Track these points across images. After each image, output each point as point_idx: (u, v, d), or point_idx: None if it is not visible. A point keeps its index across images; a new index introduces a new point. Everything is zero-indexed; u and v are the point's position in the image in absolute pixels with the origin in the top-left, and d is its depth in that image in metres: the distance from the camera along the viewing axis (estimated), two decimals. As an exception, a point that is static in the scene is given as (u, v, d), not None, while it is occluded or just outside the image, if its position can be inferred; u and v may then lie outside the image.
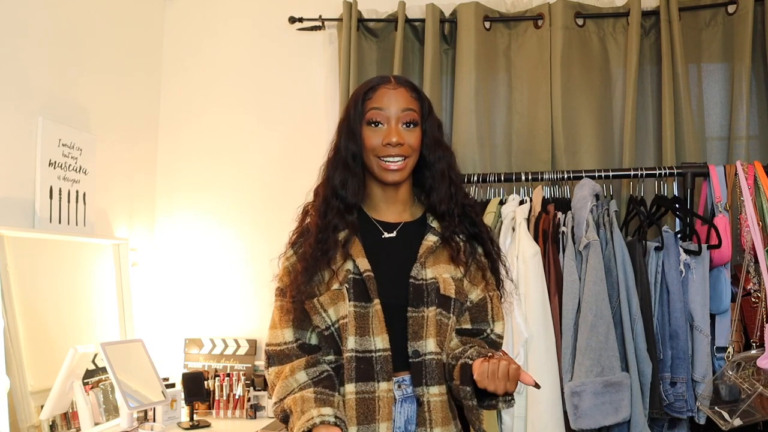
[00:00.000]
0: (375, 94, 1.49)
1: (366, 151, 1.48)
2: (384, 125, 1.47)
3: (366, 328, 1.41)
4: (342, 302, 1.43)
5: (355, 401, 1.39)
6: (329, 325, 1.45)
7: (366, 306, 1.42)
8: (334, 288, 1.44)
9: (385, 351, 1.40)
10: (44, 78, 2.27)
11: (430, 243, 1.49)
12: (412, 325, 1.43)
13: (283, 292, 1.51)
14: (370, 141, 1.47)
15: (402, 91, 1.50)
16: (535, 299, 2.13)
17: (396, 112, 1.47)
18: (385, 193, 1.53)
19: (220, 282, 2.89)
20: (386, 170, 1.47)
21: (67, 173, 2.32)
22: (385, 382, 1.40)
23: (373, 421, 1.38)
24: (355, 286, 1.43)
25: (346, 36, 2.72)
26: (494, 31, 2.71)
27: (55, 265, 2.26)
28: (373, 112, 1.47)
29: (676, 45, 2.50)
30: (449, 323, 1.47)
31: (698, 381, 2.12)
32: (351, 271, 1.45)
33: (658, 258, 2.19)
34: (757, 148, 2.53)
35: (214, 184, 2.93)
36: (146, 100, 2.91)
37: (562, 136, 2.59)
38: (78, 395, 2.12)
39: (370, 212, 1.53)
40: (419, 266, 1.46)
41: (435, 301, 1.44)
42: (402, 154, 1.47)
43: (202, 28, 3.00)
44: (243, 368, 2.73)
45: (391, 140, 1.45)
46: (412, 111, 1.49)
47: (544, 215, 2.27)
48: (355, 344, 1.40)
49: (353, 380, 1.39)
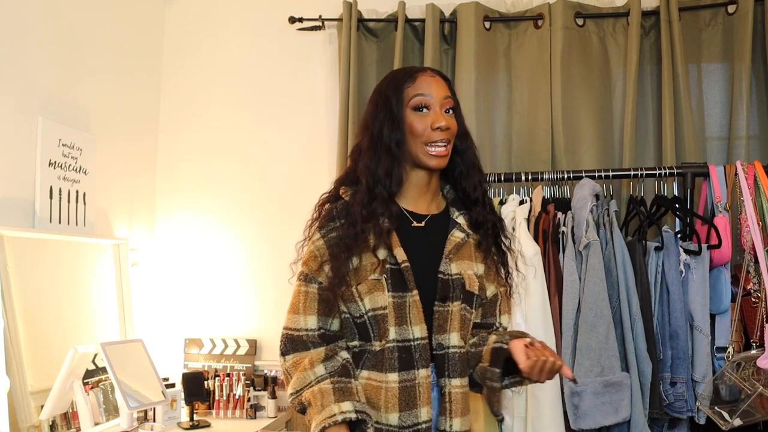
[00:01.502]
0: (416, 82, 1.51)
1: (411, 138, 1.50)
2: (429, 110, 1.50)
3: (404, 317, 1.44)
4: (379, 292, 1.45)
5: (398, 389, 1.42)
6: (363, 313, 1.46)
7: (403, 296, 1.45)
8: (372, 278, 1.45)
9: (423, 339, 1.44)
10: (44, 78, 2.27)
11: (457, 239, 1.52)
12: (437, 318, 1.47)
13: (308, 277, 1.50)
14: (417, 126, 1.49)
15: (440, 80, 1.54)
16: (535, 299, 2.13)
17: (439, 98, 1.50)
18: (419, 181, 1.54)
19: (220, 282, 2.89)
20: (433, 156, 1.49)
21: (67, 173, 2.32)
22: (424, 369, 1.44)
23: (414, 406, 1.42)
24: (393, 276, 1.45)
25: (346, 36, 2.72)
26: (494, 31, 2.71)
27: (55, 265, 2.26)
28: (419, 98, 1.50)
29: (676, 45, 2.50)
30: (471, 318, 1.53)
31: (698, 381, 2.12)
32: (388, 261, 1.46)
33: (658, 258, 2.19)
34: (757, 148, 2.53)
35: (214, 184, 2.93)
36: (146, 100, 2.91)
37: (562, 136, 2.59)
38: (78, 395, 2.12)
39: (400, 202, 1.54)
40: (447, 261, 1.50)
41: (460, 297, 1.48)
42: (447, 138, 1.50)
43: (202, 28, 3.00)
44: (243, 368, 2.73)
45: (440, 124, 1.48)
46: (450, 98, 1.53)
47: (544, 215, 2.27)
48: (395, 334, 1.43)
49: (396, 369, 1.43)
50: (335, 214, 1.52)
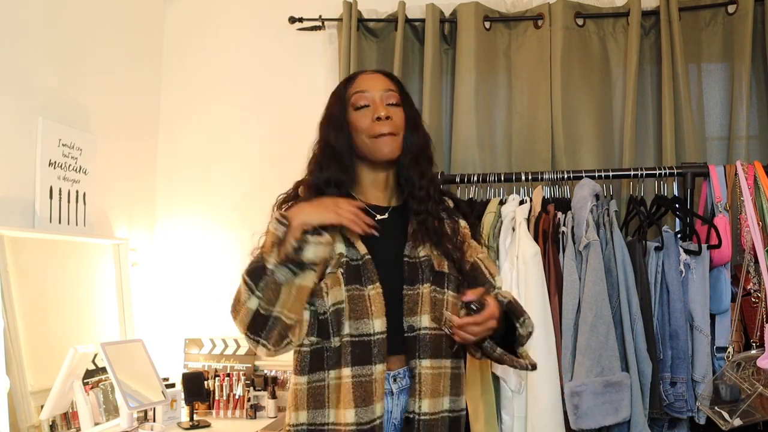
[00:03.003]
0: (355, 82, 1.57)
1: (357, 135, 1.53)
2: (370, 106, 1.53)
3: (362, 311, 1.43)
4: (337, 287, 1.44)
5: (352, 384, 1.41)
6: (326, 309, 1.45)
7: (360, 289, 1.45)
8: (329, 272, 1.45)
9: (383, 334, 1.43)
10: (44, 78, 2.27)
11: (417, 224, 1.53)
12: (407, 302, 1.47)
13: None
14: (360, 123, 1.52)
15: (379, 76, 1.58)
16: (535, 299, 2.13)
17: (379, 92, 1.54)
18: (376, 176, 1.57)
19: (220, 282, 2.88)
20: (380, 145, 1.51)
21: (67, 173, 2.32)
22: (381, 364, 1.43)
23: (371, 402, 1.41)
24: (348, 270, 1.45)
25: (346, 36, 2.72)
26: (494, 31, 2.71)
27: (55, 265, 2.26)
28: (357, 95, 1.54)
29: (676, 45, 2.50)
30: (444, 298, 1.50)
31: (698, 381, 2.12)
32: (344, 254, 1.46)
33: (658, 258, 2.18)
34: (757, 148, 2.53)
35: (214, 184, 2.93)
36: (146, 100, 2.91)
37: (562, 136, 2.59)
38: (78, 395, 2.12)
39: (359, 197, 1.56)
40: (410, 245, 1.51)
41: (429, 278, 1.49)
42: (391, 131, 1.51)
43: (202, 28, 3.00)
44: (243, 368, 2.73)
45: (380, 114, 1.50)
46: (393, 92, 1.56)
47: (544, 215, 2.27)
48: (350, 328, 1.43)
49: (349, 364, 1.42)
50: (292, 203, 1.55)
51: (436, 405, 1.46)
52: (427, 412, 1.44)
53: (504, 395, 2.16)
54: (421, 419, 1.44)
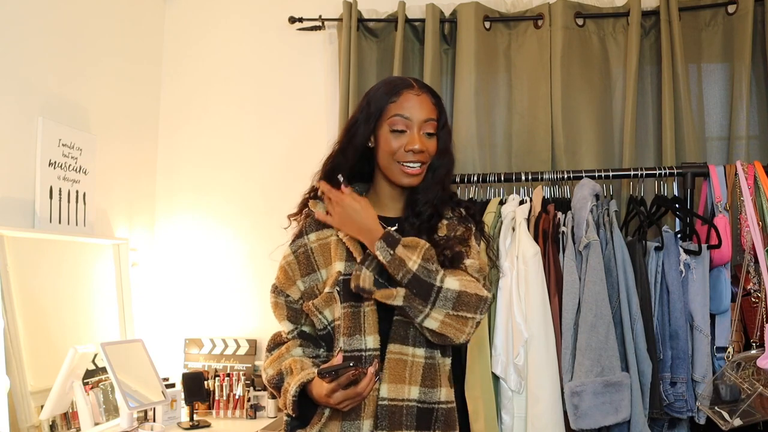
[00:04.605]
0: (399, 99, 1.51)
1: (385, 154, 1.52)
2: (407, 132, 1.51)
3: (357, 327, 1.46)
4: (335, 304, 1.49)
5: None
6: (326, 325, 1.52)
7: (357, 305, 1.47)
8: (326, 291, 1.51)
9: (375, 351, 1.45)
10: (44, 78, 2.27)
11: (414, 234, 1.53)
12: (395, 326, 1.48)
13: (278, 289, 1.60)
14: (391, 145, 1.51)
15: (425, 99, 1.53)
16: (535, 299, 2.13)
17: (419, 121, 1.51)
18: (393, 191, 1.59)
19: (220, 282, 2.89)
20: (406, 175, 1.52)
21: (67, 173, 2.32)
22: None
23: (358, 417, 1.44)
24: (345, 287, 1.47)
25: (346, 36, 2.72)
26: (494, 31, 2.71)
27: (55, 265, 2.26)
28: (396, 119, 1.51)
29: (676, 45, 2.50)
30: None
31: (698, 381, 2.12)
32: (341, 272, 1.49)
33: (658, 258, 2.18)
34: (757, 148, 2.53)
35: (214, 184, 2.93)
36: (146, 100, 2.91)
37: (562, 136, 2.59)
38: (78, 395, 2.12)
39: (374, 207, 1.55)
40: None
41: None
42: (421, 160, 1.52)
43: (202, 29, 3.00)
44: (243, 368, 2.73)
45: (414, 147, 1.50)
46: (433, 121, 1.53)
47: (544, 215, 2.27)
48: (344, 344, 1.45)
49: None
50: (305, 230, 1.59)
51: (399, 392, 1.44)
52: (385, 397, 1.44)
53: (504, 395, 2.16)
54: (380, 403, 1.44)
